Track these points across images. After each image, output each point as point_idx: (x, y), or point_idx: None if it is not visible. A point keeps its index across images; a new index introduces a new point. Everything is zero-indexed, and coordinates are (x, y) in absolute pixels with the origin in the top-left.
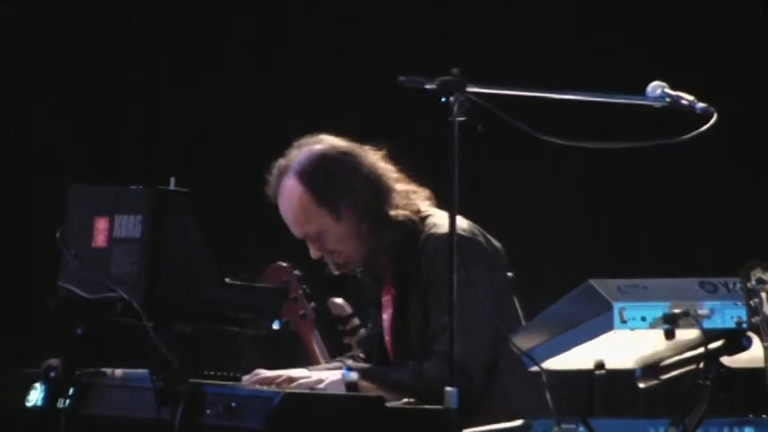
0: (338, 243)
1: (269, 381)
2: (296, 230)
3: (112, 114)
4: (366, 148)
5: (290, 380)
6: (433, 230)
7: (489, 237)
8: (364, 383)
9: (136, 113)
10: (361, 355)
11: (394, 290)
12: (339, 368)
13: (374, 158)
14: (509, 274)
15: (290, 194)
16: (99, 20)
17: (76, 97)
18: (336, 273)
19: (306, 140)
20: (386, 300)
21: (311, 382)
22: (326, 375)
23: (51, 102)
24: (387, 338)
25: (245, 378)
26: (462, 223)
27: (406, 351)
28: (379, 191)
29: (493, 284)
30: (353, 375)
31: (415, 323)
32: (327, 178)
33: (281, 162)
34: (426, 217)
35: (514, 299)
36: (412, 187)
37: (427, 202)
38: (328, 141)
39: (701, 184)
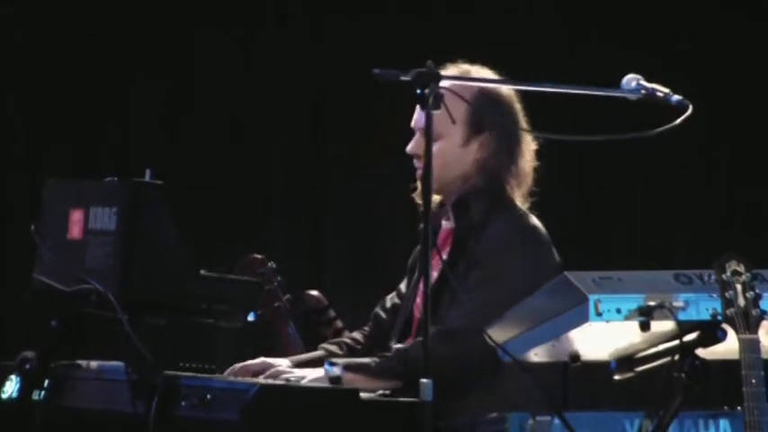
0: (440, 158)
1: (251, 370)
2: (422, 117)
3: (89, 108)
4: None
5: (276, 374)
6: (508, 213)
7: (554, 250)
8: (348, 376)
9: (112, 106)
10: (347, 341)
11: (446, 256)
12: (321, 357)
13: (526, 137)
14: None
15: (456, 88)
16: (79, 15)
17: (54, 91)
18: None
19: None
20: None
21: (295, 377)
22: (309, 372)
23: (27, 96)
24: (417, 301)
25: (229, 370)
26: (537, 222)
27: (434, 318)
28: (505, 164)
29: (530, 282)
30: (336, 370)
31: (451, 294)
32: (492, 111)
33: (467, 67)
34: (511, 204)
35: None
36: (528, 183)
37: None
38: (512, 93)
39: (677, 177)
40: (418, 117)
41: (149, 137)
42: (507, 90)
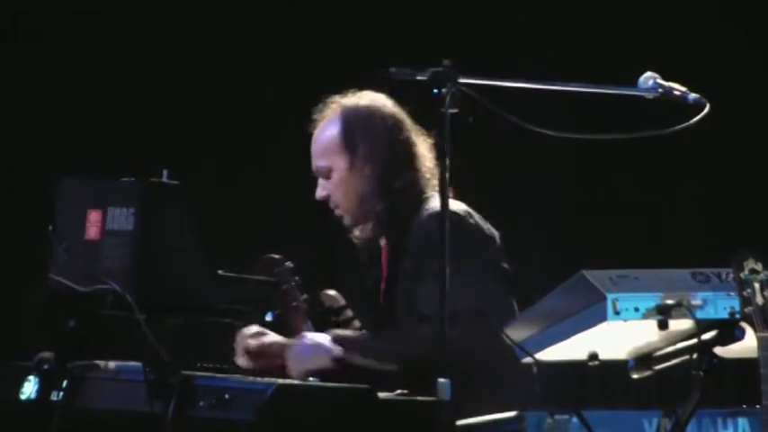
0: (340, 189)
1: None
2: (313, 163)
3: (106, 107)
4: (416, 128)
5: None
6: (430, 209)
7: (486, 223)
8: (350, 356)
9: (129, 106)
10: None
11: (386, 268)
12: None
13: (417, 139)
14: (504, 265)
15: (325, 127)
16: (92, 13)
17: (69, 91)
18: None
19: (368, 92)
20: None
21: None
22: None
23: (42, 95)
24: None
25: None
26: (459, 206)
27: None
28: (400, 163)
29: (480, 264)
30: (337, 351)
31: (401, 297)
32: (361, 127)
33: (337, 98)
34: (427, 198)
35: (509, 287)
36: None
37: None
38: (384, 101)
39: (692, 176)
40: (313, 162)
41: (160, 137)
42: (378, 101)
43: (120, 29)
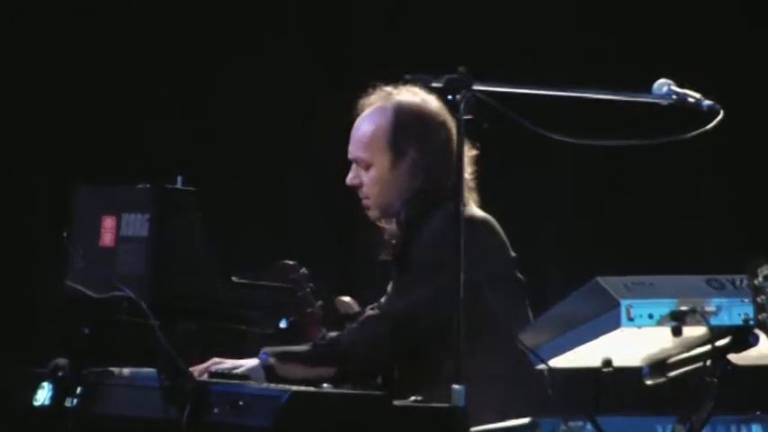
0: (375, 186)
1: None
2: (352, 149)
3: (118, 113)
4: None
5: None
6: (443, 209)
7: (498, 233)
8: (282, 366)
9: (141, 112)
10: None
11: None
12: None
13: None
14: (518, 273)
15: (374, 116)
16: (103, 16)
17: (81, 96)
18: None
19: (421, 91)
20: None
21: (227, 366)
22: (245, 361)
23: (55, 101)
24: None
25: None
26: (475, 212)
27: None
28: (443, 174)
29: (491, 270)
30: (269, 359)
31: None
32: (413, 131)
33: (390, 89)
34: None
35: (522, 294)
36: (469, 191)
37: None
38: (436, 105)
39: (704, 182)
40: (352, 148)
41: (180, 143)
42: (432, 104)
43: (117, 29)
